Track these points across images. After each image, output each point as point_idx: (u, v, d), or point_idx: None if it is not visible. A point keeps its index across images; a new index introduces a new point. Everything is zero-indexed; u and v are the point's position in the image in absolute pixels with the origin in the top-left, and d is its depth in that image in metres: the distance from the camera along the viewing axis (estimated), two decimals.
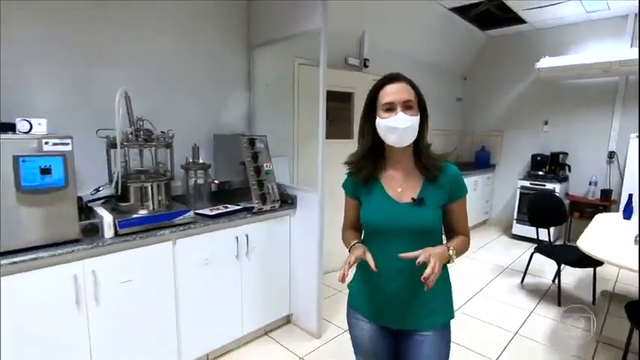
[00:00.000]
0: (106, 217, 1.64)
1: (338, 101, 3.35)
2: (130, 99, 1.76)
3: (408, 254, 0.97)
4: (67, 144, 1.50)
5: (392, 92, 1.05)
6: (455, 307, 1.18)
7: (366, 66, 3.65)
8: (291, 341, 2.38)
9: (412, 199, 1.07)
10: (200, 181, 2.23)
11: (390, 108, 1.05)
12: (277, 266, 2.40)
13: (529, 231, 4.30)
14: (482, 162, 5.29)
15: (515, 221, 4.72)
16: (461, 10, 4.13)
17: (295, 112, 3.08)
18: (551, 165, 4.64)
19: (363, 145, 1.13)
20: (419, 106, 1.08)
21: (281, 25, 2.43)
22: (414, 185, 1.09)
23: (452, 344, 1.18)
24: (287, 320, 2.58)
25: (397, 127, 1.03)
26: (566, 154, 4.60)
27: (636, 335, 1.97)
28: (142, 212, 1.80)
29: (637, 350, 1.95)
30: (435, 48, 4.57)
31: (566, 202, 4.37)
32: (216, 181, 2.28)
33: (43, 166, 1.44)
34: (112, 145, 1.82)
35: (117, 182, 1.73)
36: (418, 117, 1.06)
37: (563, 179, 4.52)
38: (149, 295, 1.78)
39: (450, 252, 1.04)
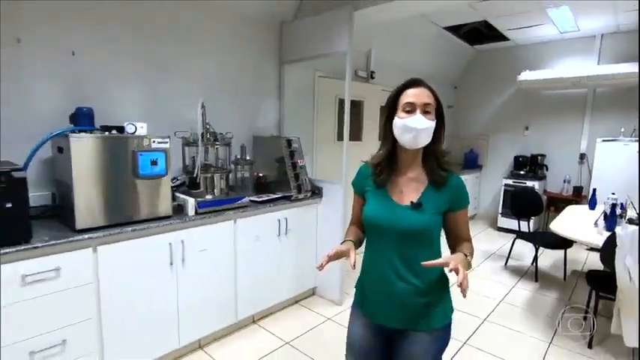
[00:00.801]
0: (190, 200, 2.12)
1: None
2: (205, 108, 2.24)
3: (432, 262, 1.00)
4: (166, 142, 1.98)
5: (413, 94, 1.09)
6: (450, 282, 1.22)
7: (372, 77, 4.19)
8: (317, 307, 2.88)
9: (411, 202, 1.10)
10: (246, 174, 2.72)
11: (410, 109, 1.08)
12: (307, 246, 2.89)
13: (512, 224, 4.89)
14: (470, 163, 5.89)
15: (500, 215, 5.33)
16: (453, 29, 4.71)
17: (315, 118, 3.59)
18: (531, 165, 5.26)
19: (385, 149, 1.17)
20: (437, 113, 1.11)
21: (310, 46, 2.94)
22: (416, 190, 1.12)
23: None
24: (312, 292, 3.08)
25: (414, 128, 1.06)
26: (544, 155, 5.23)
27: (594, 296, 2.53)
28: (209, 197, 2.28)
29: (593, 308, 2.50)
30: (429, 60, 5.14)
31: (544, 197, 4.98)
32: (260, 174, 2.76)
33: (152, 159, 1.91)
34: (187, 143, 2.30)
35: (197, 172, 2.21)
36: (434, 122, 1.09)
37: (542, 178, 5.15)
38: (217, 261, 2.26)
39: (469, 258, 1.09)
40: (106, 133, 1.84)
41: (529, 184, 5.00)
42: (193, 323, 2.18)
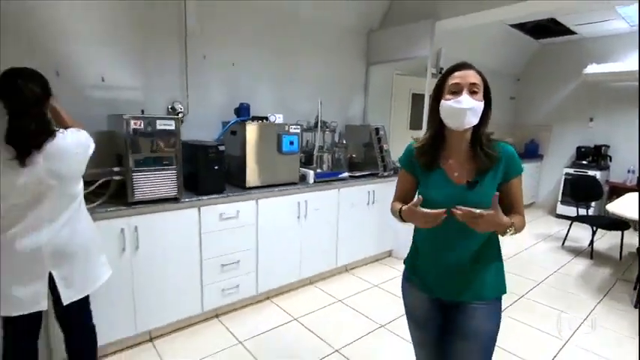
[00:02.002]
0: (310, 172, 2.87)
1: (421, 101, 4.43)
2: (322, 104, 2.96)
3: (467, 210, 1.01)
4: (298, 128, 2.73)
5: (459, 76, 1.11)
6: (505, 256, 1.26)
7: (441, 73, 4.68)
8: (394, 265, 3.55)
9: (467, 181, 1.13)
10: (342, 155, 3.43)
11: (456, 91, 1.09)
12: (387, 215, 3.55)
13: (571, 211, 5.15)
14: (531, 153, 6.15)
15: (559, 202, 5.59)
16: (519, 25, 5.02)
17: (391, 109, 4.21)
18: (594, 155, 5.44)
19: (430, 132, 1.21)
20: (484, 95, 1.12)
21: (393, 50, 3.56)
22: (470, 169, 1.15)
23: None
24: (389, 254, 3.75)
25: (460, 108, 1.07)
26: (608, 146, 5.39)
27: None
28: (320, 171, 3.01)
29: None
30: (494, 55, 5.48)
31: (606, 187, 5.17)
32: (354, 155, 3.46)
33: (290, 140, 2.67)
34: (304, 130, 3.05)
35: (316, 152, 2.95)
36: (482, 103, 1.10)
37: (605, 168, 5.32)
38: (326, 219, 3.00)
39: (511, 227, 1.08)
40: (260, 121, 2.62)
41: (590, 173, 5.21)
42: (308, 263, 2.95)
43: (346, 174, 3.11)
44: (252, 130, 2.50)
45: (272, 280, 2.73)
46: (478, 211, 1.00)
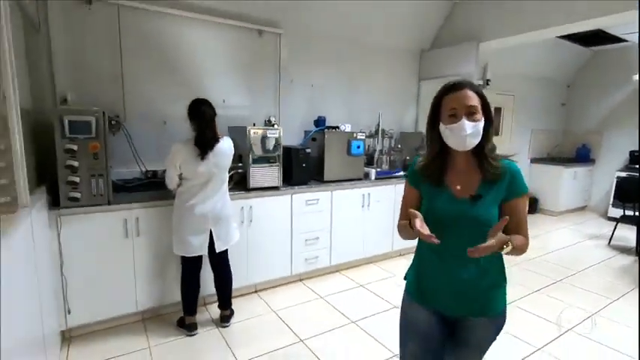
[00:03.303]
0: (372, 170, 3.54)
1: None
2: (381, 115, 3.64)
3: (480, 249, 1.00)
4: (363, 135, 3.42)
5: (455, 99, 1.09)
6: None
7: (487, 84, 5.14)
8: None
9: (470, 195, 1.13)
10: (397, 157, 4.06)
11: (454, 115, 1.08)
12: None
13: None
14: (582, 157, 6.29)
15: (610, 205, 5.71)
16: (567, 36, 5.32)
17: None
18: None
19: (431, 151, 1.20)
20: (483, 111, 1.10)
21: (442, 68, 4.14)
22: (473, 183, 1.15)
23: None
24: None
25: (460, 134, 1.08)
26: None
27: None
28: (380, 170, 3.67)
29: None
30: (542, 64, 5.79)
31: None
32: (408, 158, 4.08)
33: (357, 145, 3.37)
34: (367, 136, 3.74)
35: (377, 155, 3.63)
36: (482, 122, 1.09)
37: None
38: (384, 210, 3.65)
39: (509, 242, 1.05)
40: (332, 130, 3.35)
41: None
42: (369, 245, 3.61)
43: (401, 172, 3.74)
44: (328, 138, 3.23)
45: (341, 256, 3.42)
46: (488, 244, 1.00)
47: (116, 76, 2.71)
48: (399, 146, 4.04)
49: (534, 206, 6.08)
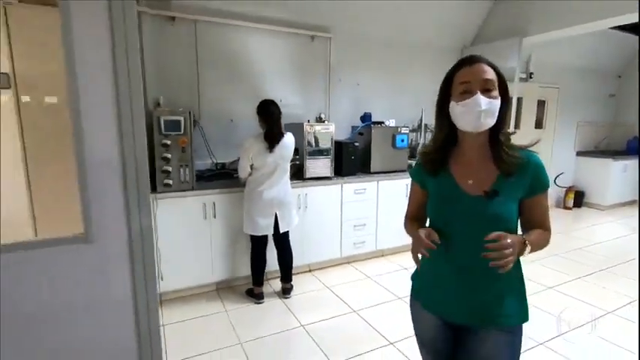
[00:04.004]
0: (414, 162, 3.78)
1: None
2: (424, 110, 3.86)
3: (491, 235, 0.91)
4: (407, 129, 3.66)
5: (469, 72, 0.97)
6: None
7: (531, 77, 5.16)
8: None
9: (484, 191, 0.99)
10: None
11: (467, 90, 0.95)
12: None
13: None
14: (633, 149, 6.09)
15: None
16: (618, 25, 5.19)
17: None
18: None
19: (437, 136, 1.08)
20: (500, 89, 0.98)
21: None
22: (488, 177, 1.00)
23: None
24: None
25: (474, 109, 0.93)
26: None
27: None
28: None
29: None
30: (590, 55, 5.67)
31: None
32: None
33: (402, 139, 3.62)
34: (410, 131, 3.97)
35: (419, 147, 3.86)
36: (499, 100, 0.96)
37: None
38: None
39: (527, 243, 0.97)
40: (378, 125, 3.62)
41: None
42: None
43: None
44: (375, 132, 3.51)
45: (386, 241, 3.70)
46: (496, 236, 0.92)
47: (193, 81, 3.15)
48: None
49: (580, 200, 5.98)
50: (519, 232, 1.06)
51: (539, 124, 5.58)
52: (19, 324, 1.13)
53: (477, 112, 0.95)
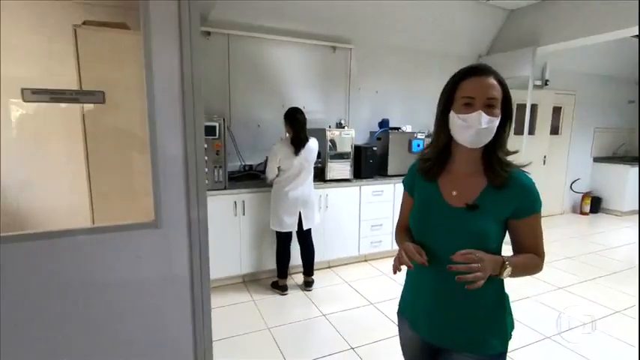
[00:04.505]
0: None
1: (523, 110, 5.10)
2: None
3: (456, 255, 0.89)
4: (423, 134, 3.85)
5: (474, 87, 0.93)
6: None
7: (546, 84, 5.26)
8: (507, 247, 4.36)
9: (466, 204, 0.96)
10: None
11: (469, 103, 0.93)
12: None
13: None
14: None
15: None
16: None
17: None
18: None
19: (437, 143, 1.04)
20: (503, 106, 0.95)
21: (499, 71, 4.38)
22: (473, 190, 0.98)
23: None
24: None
25: (472, 127, 0.91)
26: None
27: None
28: None
29: None
30: (608, 61, 5.71)
31: None
32: None
33: (417, 143, 3.81)
34: (426, 136, 4.16)
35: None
36: (499, 118, 0.94)
37: None
38: None
39: (506, 264, 0.92)
40: (395, 130, 3.81)
41: None
42: None
43: None
44: (392, 137, 3.72)
45: None
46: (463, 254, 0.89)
47: (225, 90, 3.43)
48: None
49: (597, 206, 6.00)
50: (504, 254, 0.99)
51: (555, 131, 5.66)
52: (99, 291, 1.38)
53: (475, 129, 0.92)
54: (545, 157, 5.36)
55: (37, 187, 2.25)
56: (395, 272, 1.01)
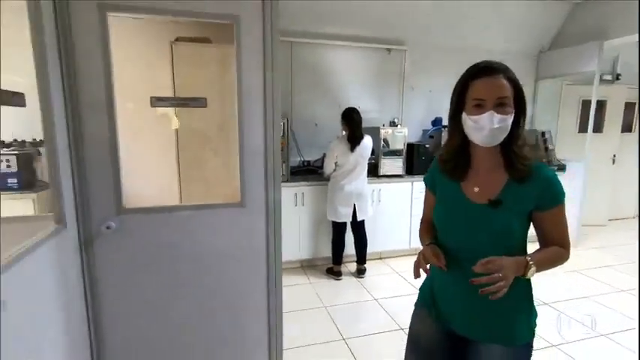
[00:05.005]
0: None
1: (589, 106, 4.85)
2: None
3: (477, 266, 0.90)
4: None
5: (484, 88, 0.94)
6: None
7: (618, 79, 4.94)
8: None
9: (489, 200, 0.98)
10: None
11: (480, 104, 0.94)
12: None
13: None
14: None
15: None
16: None
17: (559, 115, 4.82)
18: None
19: (452, 143, 1.07)
20: (516, 102, 0.96)
21: (562, 67, 4.27)
22: (495, 186, 0.99)
23: None
24: None
25: (485, 127, 0.93)
26: None
27: None
28: None
29: None
30: None
31: None
32: None
33: None
34: None
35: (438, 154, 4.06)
36: (512, 115, 0.95)
37: None
38: None
39: (530, 263, 0.93)
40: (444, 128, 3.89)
41: None
42: None
43: None
44: (445, 135, 3.81)
45: None
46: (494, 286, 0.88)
47: (287, 92, 3.78)
48: None
49: None
50: (529, 247, 1.02)
51: (627, 128, 5.28)
52: (197, 253, 1.75)
53: (488, 129, 0.93)
54: (614, 155, 5.04)
55: (139, 173, 2.75)
56: (415, 277, 1.03)
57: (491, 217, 0.97)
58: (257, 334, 1.85)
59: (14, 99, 1.09)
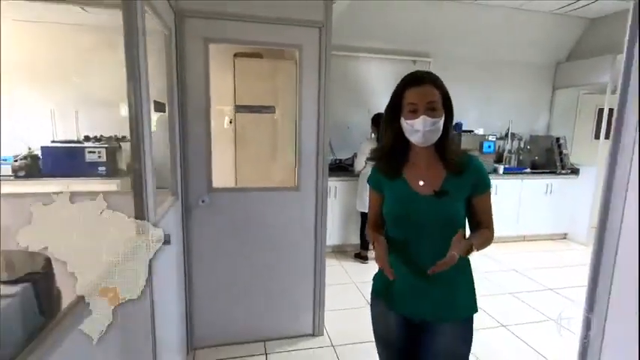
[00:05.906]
0: (501, 166, 4.34)
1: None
2: (511, 121, 4.40)
3: (440, 266, 0.98)
4: (493, 137, 4.26)
5: (415, 94, 1.07)
6: None
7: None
8: (567, 245, 4.55)
9: (434, 191, 1.10)
10: (526, 157, 4.70)
11: (414, 110, 1.06)
12: (562, 204, 4.59)
13: None
14: None
15: None
16: None
17: (575, 122, 5.11)
18: None
19: (386, 142, 1.17)
20: (444, 105, 1.10)
21: (578, 77, 4.58)
22: (437, 178, 1.12)
23: None
24: (564, 236, 4.74)
25: (419, 130, 1.06)
26: None
27: None
28: (507, 166, 4.42)
29: None
30: None
31: None
32: (536, 158, 4.69)
33: (488, 145, 4.24)
34: (497, 138, 4.54)
35: (505, 154, 4.42)
36: (442, 118, 1.08)
37: None
38: (509, 199, 4.38)
39: (473, 248, 1.07)
40: (468, 133, 4.29)
41: None
42: (497, 226, 4.42)
43: (527, 169, 4.42)
44: (464, 139, 4.22)
45: None
46: (448, 259, 0.98)
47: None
48: (528, 147, 4.69)
49: None
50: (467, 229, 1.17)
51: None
52: (264, 225, 2.27)
53: (422, 132, 1.06)
54: None
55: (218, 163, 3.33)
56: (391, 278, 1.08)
57: (439, 206, 1.10)
58: (305, 288, 2.36)
59: (162, 107, 1.63)
